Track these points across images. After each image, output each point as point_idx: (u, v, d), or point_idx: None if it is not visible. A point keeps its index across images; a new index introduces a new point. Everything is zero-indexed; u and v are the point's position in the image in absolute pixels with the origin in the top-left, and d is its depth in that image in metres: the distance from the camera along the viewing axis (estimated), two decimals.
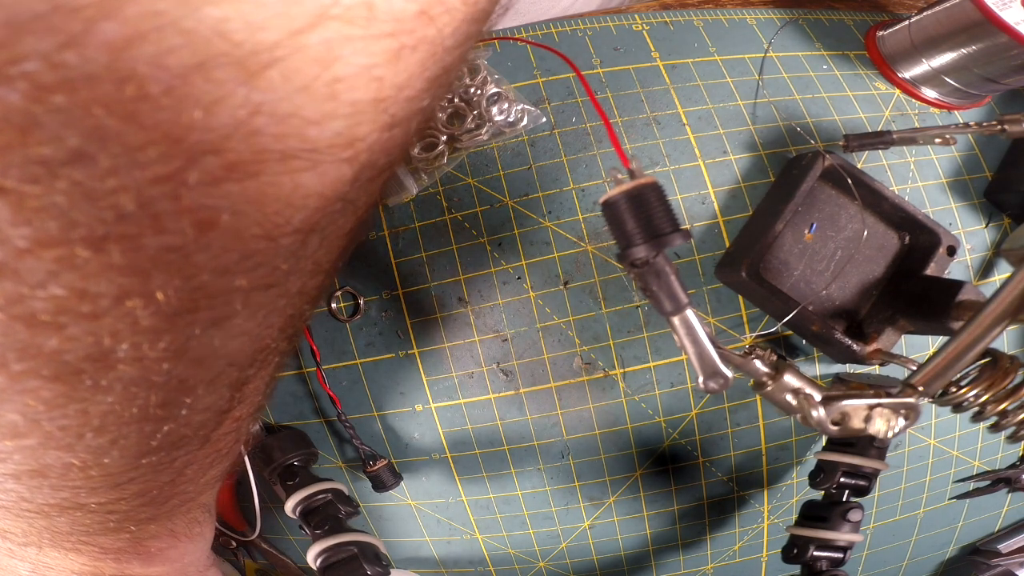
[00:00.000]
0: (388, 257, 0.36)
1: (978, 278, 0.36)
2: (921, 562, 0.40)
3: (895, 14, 0.41)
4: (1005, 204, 0.36)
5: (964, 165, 0.37)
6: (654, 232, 0.23)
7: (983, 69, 0.33)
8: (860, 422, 0.24)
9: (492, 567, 0.38)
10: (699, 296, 0.34)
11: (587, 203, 0.35)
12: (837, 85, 0.37)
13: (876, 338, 0.31)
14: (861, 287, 0.33)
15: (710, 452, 0.35)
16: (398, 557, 0.39)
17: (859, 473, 0.32)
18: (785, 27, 0.39)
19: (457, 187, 0.36)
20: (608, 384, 0.35)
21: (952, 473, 0.38)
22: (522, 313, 0.35)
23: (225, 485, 0.38)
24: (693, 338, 0.23)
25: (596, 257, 0.35)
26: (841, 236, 0.33)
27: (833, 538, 0.31)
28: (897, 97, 0.37)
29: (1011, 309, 0.23)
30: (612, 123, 0.36)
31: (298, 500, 0.32)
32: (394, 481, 0.36)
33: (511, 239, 0.35)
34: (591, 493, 0.36)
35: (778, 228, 0.32)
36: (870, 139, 0.33)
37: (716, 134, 0.36)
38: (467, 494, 0.37)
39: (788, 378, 0.25)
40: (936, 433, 0.37)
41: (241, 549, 0.42)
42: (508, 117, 0.35)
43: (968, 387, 0.26)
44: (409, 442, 0.36)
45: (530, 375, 0.35)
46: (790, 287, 0.33)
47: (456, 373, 0.35)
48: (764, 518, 0.37)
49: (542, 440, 0.35)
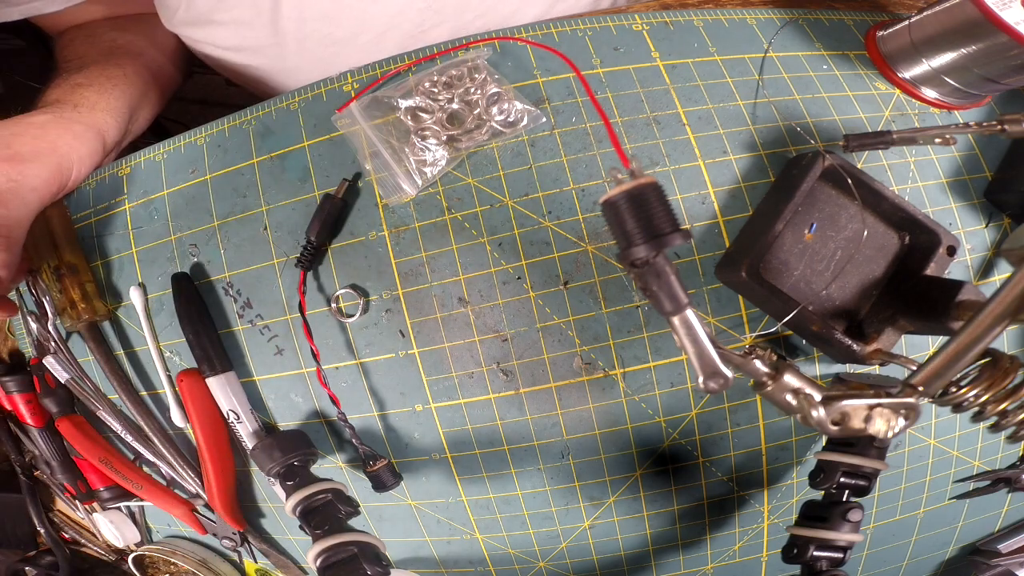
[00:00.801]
0: (388, 257, 0.36)
1: (978, 278, 0.36)
2: (921, 562, 0.40)
3: (895, 14, 0.41)
4: (1005, 204, 0.36)
5: (964, 165, 0.37)
6: (654, 232, 0.23)
7: (983, 69, 0.33)
8: (860, 422, 0.24)
9: (492, 567, 0.38)
10: (699, 296, 0.35)
11: (587, 203, 0.35)
12: (837, 85, 0.37)
13: (876, 338, 0.31)
14: (861, 287, 0.33)
15: (710, 452, 0.35)
16: (398, 557, 0.39)
17: (859, 473, 0.32)
18: (785, 27, 0.39)
19: (457, 187, 0.36)
20: (608, 384, 0.35)
21: (952, 473, 0.38)
22: (522, 313, 0.35)
23: (226, 485, 0.38)
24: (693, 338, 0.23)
25: (596, 257, 0.35)
26: (841, 236, 0.33)
27: (833, 538, 0.31)
28: (897, 97, 0.37)
29: (1011, 309, 0.23)
30: (612, 123, 0.36)
31: (298, 500, 0.32)
32: (394, 481, 0.36)
33: (511, 239, 0.35)
34: (591, 493, 0.36)
35: (778, 228, 0.32)
36: (870, 139, 0.33)
37: (716, 134, 0.36)
38: (467, 494, 0.37)
39: (788, 378, 0.25)
40: (936, 433, 0.37)
41: (241, 549, 0.42)
42: (508, 117, 0.35)
43: (968, 387, 0.26)
44: (409, 442, 0.36)
45: (530, 375, 0.35)
46: (790, 287, 0.33)
47: (456, 373, 0.35)
48: (764, 518, 0.37)
49: (542, 440, 0.35)
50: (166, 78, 0.51)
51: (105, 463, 0.40)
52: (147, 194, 0.40)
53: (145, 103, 0.47)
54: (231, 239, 0.37)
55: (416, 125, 0.36)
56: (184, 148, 0.40)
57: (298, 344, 0.36)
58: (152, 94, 0.48)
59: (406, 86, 0.37)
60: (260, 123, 0.38)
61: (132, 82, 0.45)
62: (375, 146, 0.35)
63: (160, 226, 0.39)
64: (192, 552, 0.43)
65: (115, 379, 0.38)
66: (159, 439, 0.39)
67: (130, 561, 0.46)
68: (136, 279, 0.39)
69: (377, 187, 0.36)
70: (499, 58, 0.37)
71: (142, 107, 0.46)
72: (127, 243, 0.39)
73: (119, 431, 0.40)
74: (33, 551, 0.49)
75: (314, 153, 0.37)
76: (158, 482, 0.42)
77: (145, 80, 0.46)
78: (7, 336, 0.45)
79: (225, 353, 0.37)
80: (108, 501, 0.43)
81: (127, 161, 0.41)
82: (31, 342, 0.41)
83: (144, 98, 0.46)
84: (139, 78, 0.46)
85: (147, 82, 0.47)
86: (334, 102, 0.37)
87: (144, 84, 0.46)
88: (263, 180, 0.37)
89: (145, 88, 0.46)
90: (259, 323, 0.37)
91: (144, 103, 0.46)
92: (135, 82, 0.45)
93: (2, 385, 0.42)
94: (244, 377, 0.37)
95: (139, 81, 0.46)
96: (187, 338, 0.36)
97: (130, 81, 0.44)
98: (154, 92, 0.48)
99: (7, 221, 0.34)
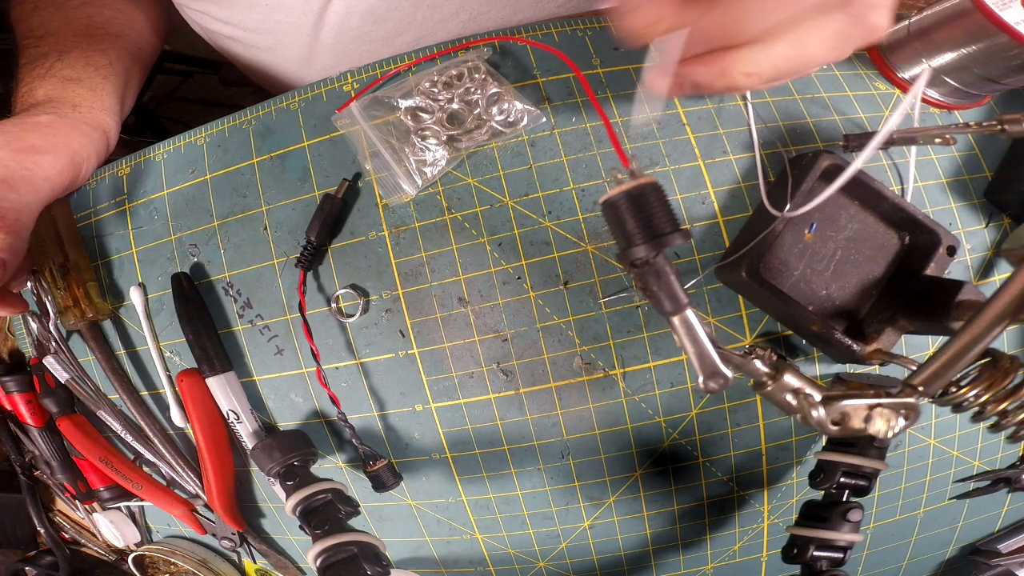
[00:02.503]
0: (388, 257, 0.36)
1: (978, 278, 0.36)
2: (921, 562, 0.40)
3: (895, 14, 0.41)
4: (1005, 204, 0.36)
5: (964, 165, 0.37)
6: (654, 232, 0.23)
7: (983, 69, 0.33)
8: (860, 422, 0.24)
9: (492, 567, 0.38)
10: (699, 296, 0.35)
11: (587, 203, 0.35)
12: (837, 85, 0.37)
13: (876, 338, 0.31)
14: (861, 287, 0.33)
15: (710, 452, 0.35)
16: (398, 557, 0.39)
17: (859, 473, 0.32)
18: None
19: (457, 187, 0.36)
20: (608, 384, 0.35)
21: (952, 473, 0.38)
22: (522, 313, 0.35)
23: (225, 485, 0.38)
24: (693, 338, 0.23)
25: (596, 257, 0.35)
26: (841, 236, 0.33)
27: (833, 538, 0.31)
28: (897, 97, 0.37)
29: (1011, 309, 0.23)
30: (612, 123, 0.36)
31: (298, 500, 0.32)
32: (394, 481, 0.36)
33: (511, 239, 0.35)
34: (591, 493, 0.36)
35: (778, 228, 0.32)
36: (870, 139, 0.33)
37: (716, 134, 0.36)
38: (467, 494, 0.37)
39: (788, 378, 0.25)
40: (936, 433, 0.37)
41: (240, 550, 0.42)
42: (508, 117, 0.35)
43: (968, 387, 0.26)
44: (409, 442, 0.36)
45: (530, 375, 0.35)
46: (790, 287, 0.33)
47: (456, 373, 0.35)
48: (764, 518, 0.37)
49: (542, 440, 0.35)
50: (147, 55, 0.50)
51: (105, 463, 0.40)
52: (147, 194, 0.40)
53: (130, 91, 0.46)
54: (231, 239, 0.37)
55: (416, 125, 0.36)
56: (184, 148, 0.40)
57: (298, 344, 0.36)
58: (135, 80, 0.47)
59: (406, 86, 0.37)
60: (260, 123, 0.38)
61: (117, 72, 0.44)
62: (375, 146, 0.35)
63: (160, 226, 0.39)
64: (192, 552, 0.43)
65: (115, 379, 0.38)
66: (159, 439, 0.39)
67: (130, 561, 0.46)
68: (136, 279, 0.39)
69: (377, 187, 0.36)
70: (499, 58, 0.37)
71: (128, 96, 0.46)
72: (127, 243, 0.39)
73: (119, 431, 0.40)
74: (33, 551, 0.49)
75: (314, 153, 0.37)
76: (158, 482, 0.42)
77: (127, 67, 0.45)
78: (7, 336, 0.45)
79: (225, 353, 0.37)
80: (108, 501, 0.43)
81: (127, 161, 0.41)
82: (31, 342, 0.41)
83: (128, 86, 0.46)
84: (122, 65, 0.45)
85: (129, 68, 0.46)
86: (334, 102, 0.37)
87: (127, 71, 0.45)
88: (263, 180, 0.37)
89: (128, 76, 0.46)
90: (259, 323, 0.37)
91: (129, 91, 0.46)
92: (119, 71, 0.44)
93: (2, 385, 0.42)
94: (244, 377, 0.37)
95: (122, 69, 0.45)
96: (187, 338, 0.36)
97: (115, 71, 0.44)
98: (136, 76, 0.47)
99: (17, 205, 0.34)
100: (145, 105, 0.93)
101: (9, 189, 0.34)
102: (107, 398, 0.40)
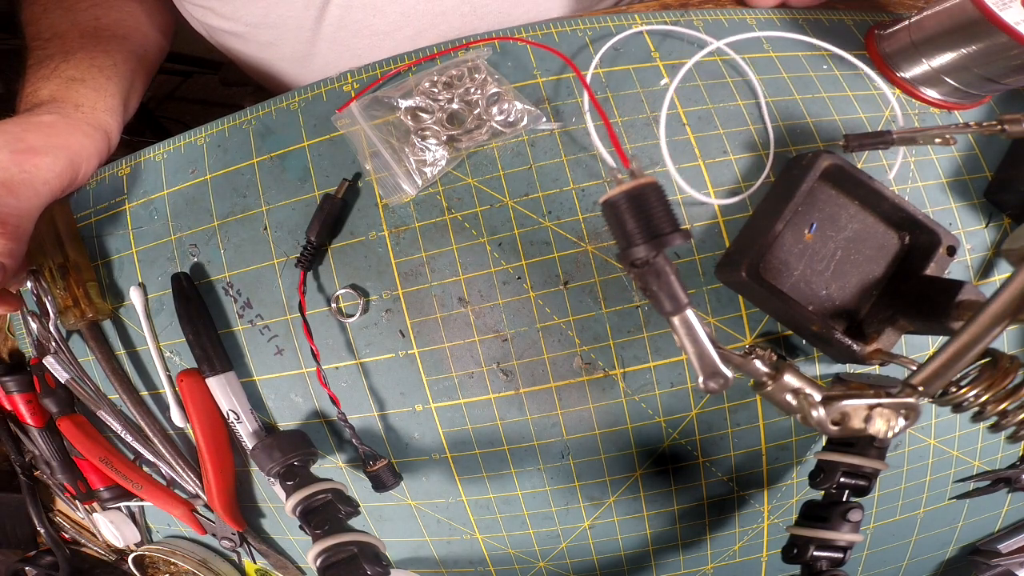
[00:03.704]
0: (388, 257, 0.36)
1: (978, 278, 0.36)
2: (921, 562, 0.40)
3: (895, 14, 0.41)
4: (1005, 204, 0.36)
5: (964, 165, 0.37)
6: (654, 232, 0.23)
7: (983, 69, 0.33)
8: (860, 422, 0.24)
9: (492, 567, 0.38)
10: (699, 296, 0.35)
11: (587, 203, 0.35)
12: (837, 85, 0.37)
13: (876, 338, 0.31)
14: (861, 287, 0.33)
15: (710, 452, 0.35)
16: (398, 557, 0.39)
17: (859, 473, 0.32)
18: (785, 27, 0.39)
19: (457, 187, 0.36)
20: (608, 384, 0.35)
21: (952, 473, 0.38)
22: (522, 313, 0.35)
23: (225, 485, 0.38)
24: (693, 338, 0.23)
25: (596, 257, 0.35)
26: (841, 236, 0.33)
27: (833, 538, 0.31)
28: (897, 97, 0.37)
29: (1011, 309, 0.23)
30: (612, 123, 0.36)
31: (298, 500, 0.32)
32: (394, 481, 0.36)
33: (511, 239, 0.35)
34: (591, 493, 0.36)
35: (778, 228, 0.32)
36: (870, 139, 0.33)
37: (716, 134, 0.36)
38: (467, 494, 0.37)
39: (788, 378, 0.25)
40: (936, 433, 0.37)
41: (240, 550, 0.42)
42: (508, 117, 0.35)
43: (968, 387, 0.26)
44: (409, 442, 0.36)
45: (530, 375, 0.35)
46: (790, 287, 0.33)
47: (456, 373, 0.35)
48: (764, 518, 0.37)
49: (542, 440, 0.35)
50: (154, 57, 0.49)
51: (105, 463, 0.40)
52: (147, 194, 0.40)
53: (134, 92, 0.46)
54: (231, 239, 0.37)
55: (416, 125, 0.36)
56: (184, 148, 0.40)
57: (298, 344, 0.36)
58: (139, 82, 0.47)
59: (406, 86, 0.37)
60: (260, 123, 0.38)
61: (122, 73, 0.44)
62: (375, 146, 0.35)
63: (160, 226, 0.39)
64: (192, 552, 0.43)
65: (115, 379, 0.38)
66: (159, 439, 0.39)
67: (130, 561, 0.46)
68: (136, 279, 0.39)
69: (377, 187, 0.36)
70: (499, 58, 0.37)
71: (131, 98, 0.46)
72: (127, 243, 0.39)
73: (119, 431, 0.40)
74: (33, 551, 0.49)
75: (314, 153, 0.37)
76: (158, 482, 0.42)
77: (132, 68, 0.45)
78: (7, 336, 0.45)
79: (225, 353, 0.37)
80: (108, 501, 0.43)
81: (127, 161, 0.41)
82: (31, 342, 0.41)
83: (132, 87, 0.45)
84: (127, 66, 0.45)
85: (134, 70, 0.46)
86: (334, 102, 0.37)
87: (132, 73, 0.45)
88: (263, 180, 0.37)
89: (133, 77, 0.45)
90: (259, 323, 0.37)
91: (133, 92, 0.46)
92: (124, 72, 0.44)
93: (2, 385, 0.42)
94: (244, 377, 0.37)
95: (127, 70, 0.45)
96: (187, 338, 0.36)
97: (120, 72, 0.44)
98: (141, 79, 0.47)
99: (17, 211, 0.34)
100: (145, 105, 0.93)
101: (9, 193, 0.34)
102: (107, 398, 0.40)
